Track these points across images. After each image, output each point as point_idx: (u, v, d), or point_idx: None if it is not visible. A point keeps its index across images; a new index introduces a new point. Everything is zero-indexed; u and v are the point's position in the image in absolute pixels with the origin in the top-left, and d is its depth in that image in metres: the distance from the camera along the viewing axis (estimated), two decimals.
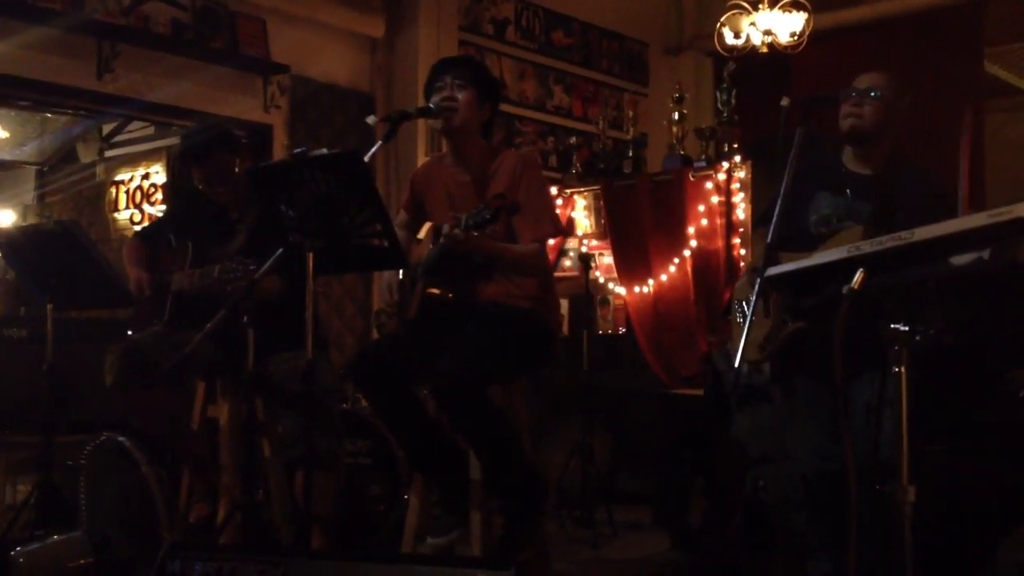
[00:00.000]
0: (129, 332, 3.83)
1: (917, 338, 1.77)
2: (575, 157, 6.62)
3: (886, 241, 1.69)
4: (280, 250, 3.01)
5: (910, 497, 1.75)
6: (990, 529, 2.12)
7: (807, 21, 6.40)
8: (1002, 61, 8.19)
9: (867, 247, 1.73)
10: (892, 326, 1.77)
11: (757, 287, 2.57)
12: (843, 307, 1.71)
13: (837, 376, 1.80)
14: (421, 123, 6.09)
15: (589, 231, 6.21)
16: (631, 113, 6.71)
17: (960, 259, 1.64)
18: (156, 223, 4.29)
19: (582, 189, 6.24)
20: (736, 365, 2.89)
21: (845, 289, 1.72)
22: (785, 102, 3.07)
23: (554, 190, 5.83)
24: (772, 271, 2.00)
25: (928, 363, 2.56)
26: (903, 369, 1.77)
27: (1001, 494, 2.06)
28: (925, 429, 2.57)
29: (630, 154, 6.31)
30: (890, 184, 3.08)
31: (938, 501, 2.04)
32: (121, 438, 3.72)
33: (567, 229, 6.15)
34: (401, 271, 3.45)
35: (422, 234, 3.70)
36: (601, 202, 6.07)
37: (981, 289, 1.74)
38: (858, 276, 1.72)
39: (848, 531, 2.24)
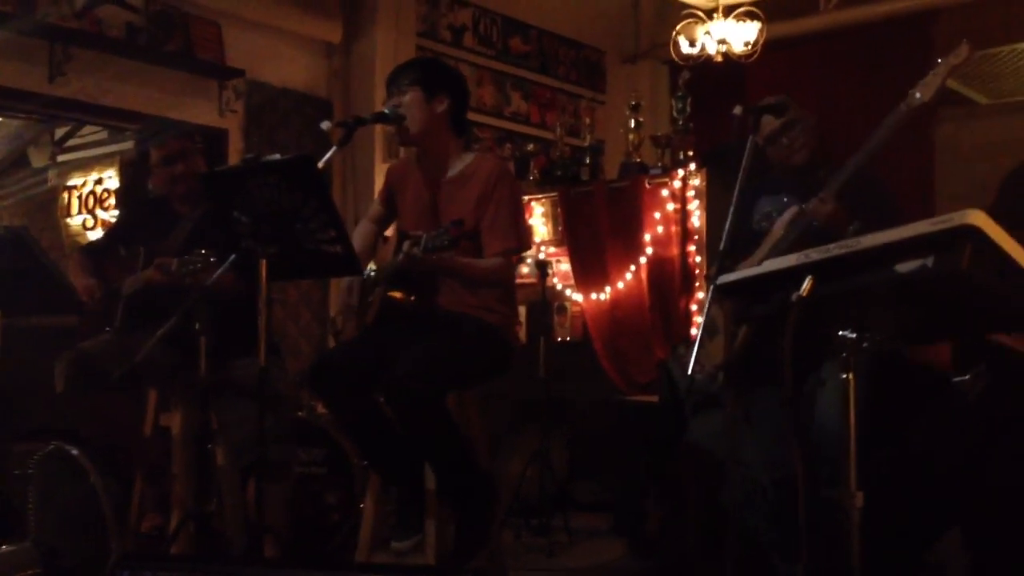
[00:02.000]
0: (79, 339, 3.78)
1: (865, 345, 1.79)
2: (532, 164, 6.63)
3: (833, 248, 1.71)
4: (233, 255, 2.99)
5: (858, 503, 1.78)
6: (932, 531, 2.15)
7: (760, 31, 6.47)
8: (951, 70, 8.31)
9: (815, 255, 1.75)
10: (840, 333, 1.80)
11: (709, 296, 2.62)
12: (791, 314, 1.73)
13: (786, 382, 1.82)
14: (378, 129, 6.08)
15: (546, 238, 6.22)
16: (588, 120, 6.73)
17: (905, 266, 1.66)
18: (103, 237, 4.24)
19: (539, 196, 6.24)
20: (689, 372, 2.92)
21: (793, 296, 1.74)
22: (737, 110, 3.12)
23: None
24: (722, 279, 2.02)
25: (875, 369, 2.60)
26: (851, 376, 1.79)
27: (944, 496, 2.09)
28: (872, 434, 2.61)
29: (587, 161, 6.33)
30: (818, 175, 3.31)
31: (883, 504, 2.06)
32: (70, 447, 3.66)
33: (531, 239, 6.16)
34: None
35: (391, 231, 3.69)
36: (558, 209, 6.08)
37: (926, 296, 1.76)
38: (806, 283, 1.74)
39: (801, 536, 2.26)
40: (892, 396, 2.72)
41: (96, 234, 7.18)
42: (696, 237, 5.46)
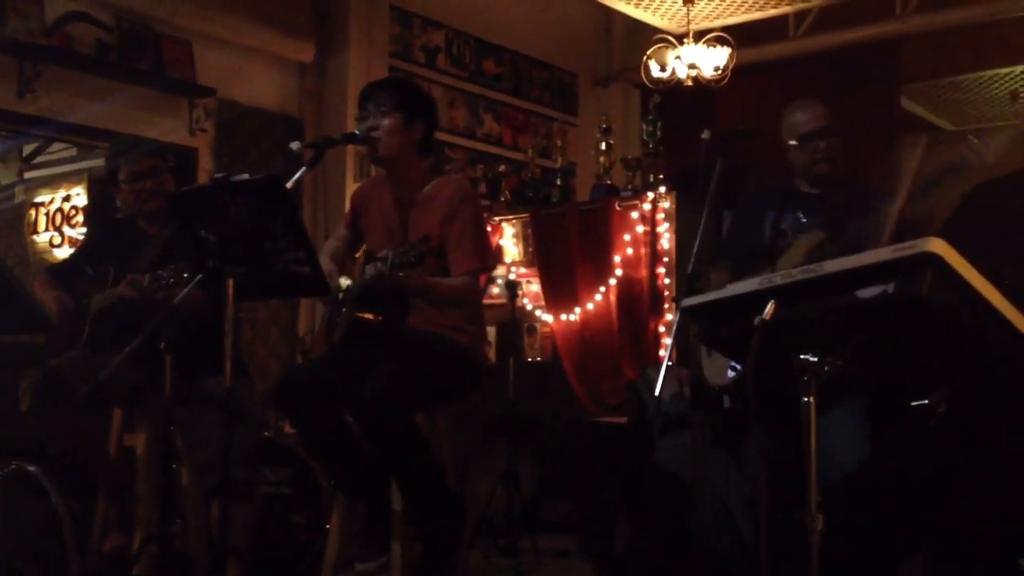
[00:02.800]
0: (46, 358, 3.74)
1: (826, 368, 1.81)
2: (504, 185, 6.65)
3: (796, 273, 1.73)
4: (200, 274, 2.97)
5: (818, 525, 1.79)
6: (896, 555, 2.17)
7: (730, 56, 6.54)
8: (918, 97, 8.44)
9: (778, 279, 1.77)
10: (802, 357, 1.82)
11: (677, 319, 2.64)
12: (753, 337, 1.75)
13: (750, 404, 1.83)
14: (350, 149, 6.08)
15: (517, 259, 6.23)
16: (559, 142, 6.76)
17: (866, 292, 1.68)
18: (69, 258, 4.21)
19: (510, 217, 6.26)
20: (656, 393, 2.94)
21: (756, 320, 1.76)
22: (706, 135, 3.16)
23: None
24: (687, 302, 2.04)
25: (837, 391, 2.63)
26: (811, 399, 1.81)
27: (907, 520, 2.11)
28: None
29: (558, 183, 6.36)
30: (838, 199, 3.24)
31: (847, 528, 2.08)
32: (32, 468, 3.62)
33: (496, 257, 6.17)
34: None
35: (361, 253, 3.70)
36: (529, 230, 6.10)
37: (887, 321, 1.78)
38: (769, 307, 1.75)
39: (763, 558, 2.28)
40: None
41: (63, 251, 7.12)
42: (665, 259, 5.50)
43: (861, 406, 2.77)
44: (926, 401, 2.25)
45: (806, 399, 1.82)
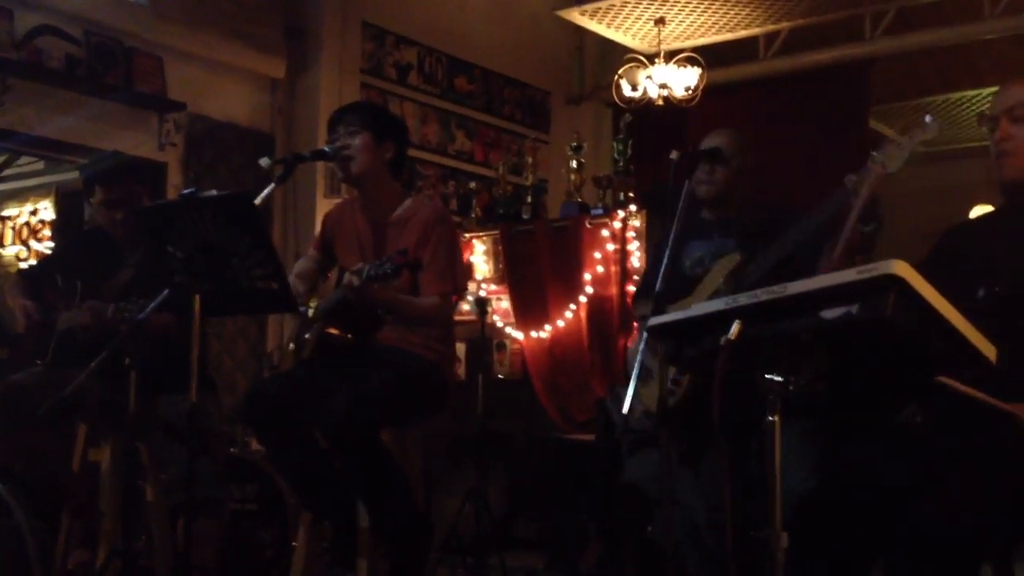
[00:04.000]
0: (8, 372, 3.71)
1: (790, 388, 1.83)
2: (475, 201, 6.66)
3: (761, 294, 1.75)
4: (166, 291, 2.96)
5: (783, 543, 1.80)
6: (859, 567, 2.19)
7: (701, 76, 6.59)
8: (886, 119, 8.54)
9: (744, 299, 1.78)
10: (767, 376, 1.83)
11: (643, 341, 2.67)
12: (719, 357, 1.76)
13: (716, 424, 1.85)
14: (320, 166, 6.07)
15: (487, 275, 6.24)
16: (531, 160, 6.78)
17: (830, 313, 1.70)
18: (41, 263, 4.18)
19: (481, 233, 6.27)
20: (624, 411, 2.95)
21: (722, 340, 1.78)
22: (674, 155, 3.18)
23: None
24: (653, 321, 2.05)
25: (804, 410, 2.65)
26: (776, 418, 1.82)
27: (871, 532, 2.13)
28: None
29: (529, 200, 6.38)
30: (751, 221, 3.30)
31: (813, 541, 2.10)
32: None
33: (467, 279, 6.18)
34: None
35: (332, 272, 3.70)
36: (500, 247, 6.11)
37: (851, 342, 1.80)
38: (735, 327, 1.77)
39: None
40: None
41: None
42: (635, 277, 5.52)
43: (804, 428, 2.82)
44: (901, 414, 2.28)
45: (770, 418, 1.83)
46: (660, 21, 6.70)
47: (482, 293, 5.98)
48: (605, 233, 5.63)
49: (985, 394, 2.08)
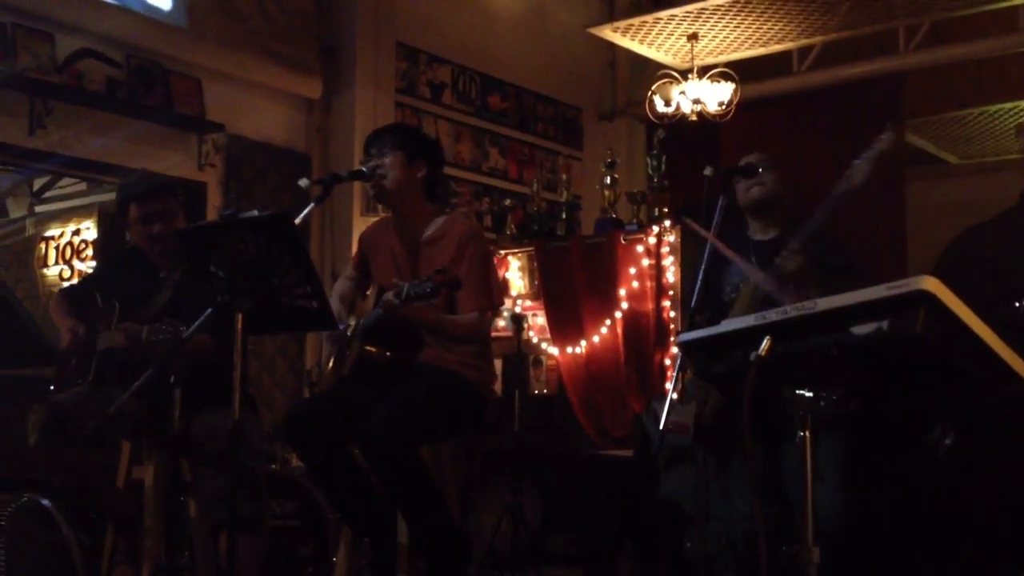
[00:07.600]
0: (52, 390, 3.77)
1: (821, 404, 1.84)
2: (509, 218, 6.69)
3: (791, 310, 1.77)
4: (209, 310, 3.01)
5: (815, 559, 1.81)
6: None
7: (734, 91, 6.60)
8: (922, 132, 8.49)
9: (774, 315, 1.80)
10: (797, 392, 1.85)
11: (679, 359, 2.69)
12: (749, 373, 1.78)
13: (746, 439, 1.86)
14: (357, 185, 6.13)
15: (523, 292, 6.27)
16: (565, 176, 6.81)
17: (861, 329, 1.71)
18: (82, 282, 4.24)
19: (516, 250, 6.30)
20: (660, 427, 2.97)
21: (752, 356, 1.79)
22: (708, 171, 3.20)
23: None
24: (683, 337, 2.07)
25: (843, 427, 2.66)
26: (807, 433, 1.84)
27: (907, 548, 2.13)
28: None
29: (563, 216, 6.40)
30: (783, 242, 3.28)
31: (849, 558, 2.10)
32: (43, 499, 3.65)
33: (504, 294, 6.21)
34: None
35: (371, 291, 3.75)
36: (535, 263, 6.14)
37: (881, 358, 1.81)
38: (765, 343, 1.79)
39: None
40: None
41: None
42: (671, 292, 5.52)
43: (837, 449, 2.82)
44: (931, 434, 2.28)
45: (802, 434, 1.84)
46: (693, 37, 6.72)
47: (518, 309, 6.01)
48: (640, 249, 5.64)
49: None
